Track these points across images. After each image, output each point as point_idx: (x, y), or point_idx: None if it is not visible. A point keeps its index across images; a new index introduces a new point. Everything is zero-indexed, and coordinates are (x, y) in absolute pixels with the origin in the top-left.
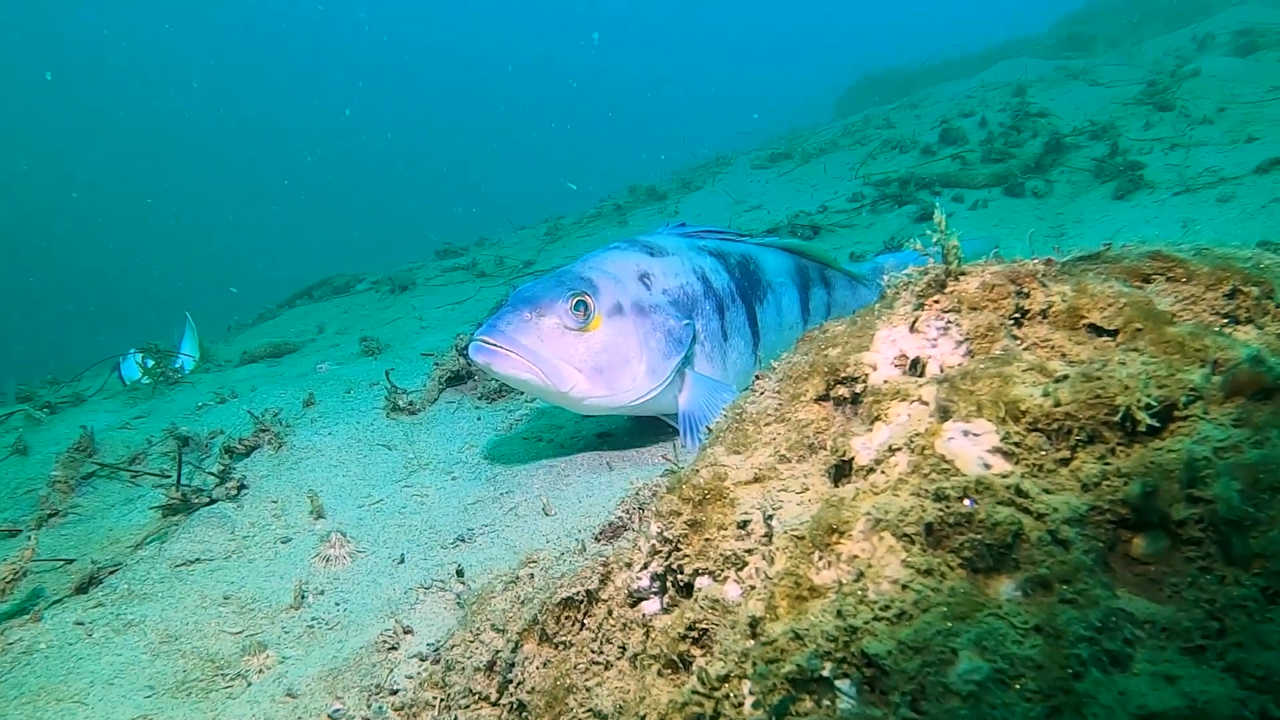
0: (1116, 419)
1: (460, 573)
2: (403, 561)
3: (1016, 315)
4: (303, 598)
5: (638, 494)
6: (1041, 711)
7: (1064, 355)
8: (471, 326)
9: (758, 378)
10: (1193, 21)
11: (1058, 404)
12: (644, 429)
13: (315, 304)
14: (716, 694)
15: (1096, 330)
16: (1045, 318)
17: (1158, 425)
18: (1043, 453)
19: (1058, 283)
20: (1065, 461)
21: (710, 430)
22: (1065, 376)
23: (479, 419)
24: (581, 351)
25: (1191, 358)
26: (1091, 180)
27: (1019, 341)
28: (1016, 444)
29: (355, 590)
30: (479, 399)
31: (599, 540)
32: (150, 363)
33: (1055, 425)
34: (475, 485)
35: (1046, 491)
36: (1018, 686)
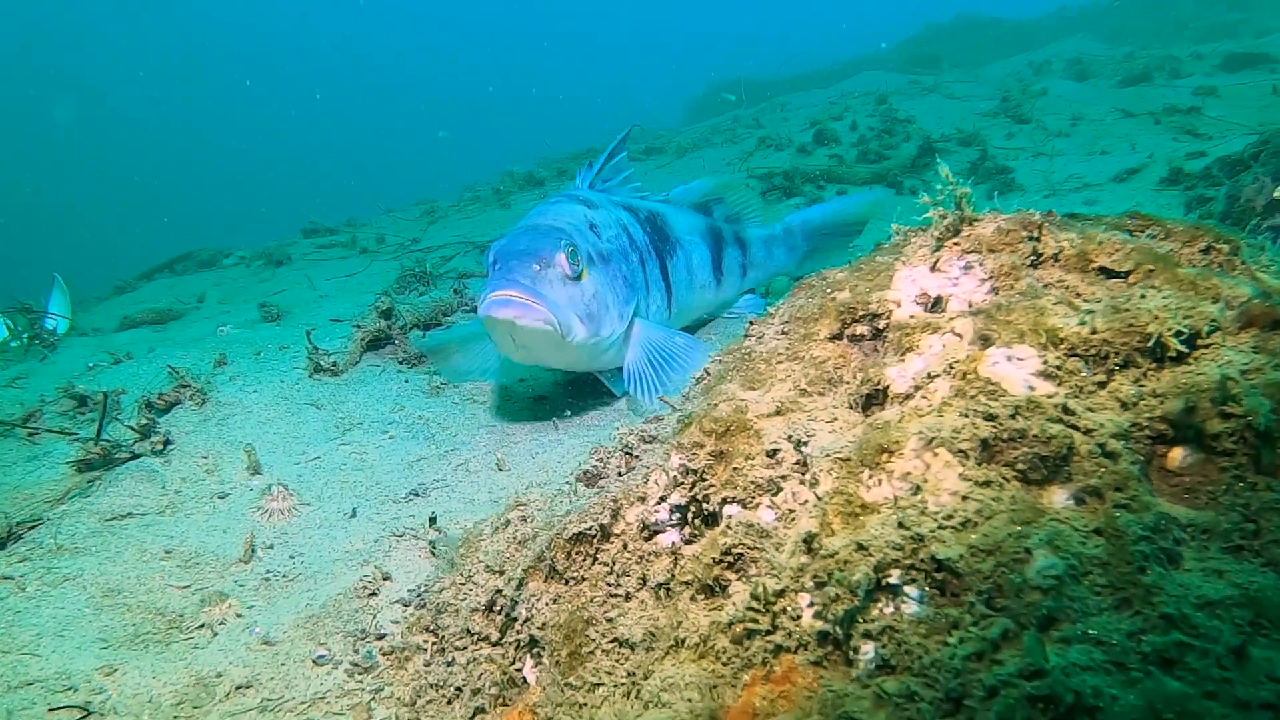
0: (1149, 345)
1: (433, 520)
2: (354, 515)
3: (1032, 258)
4: (252, 551)
5: (623, 439)
6: (1112, 603)
7: (1079, 294)
8: (374, 295)
9: (752, 323)
10: (1022, 50)
11: (1094, 331)
12: (578, 390)
13: (179, 277)
14: (773, 608)
15: (1107, 273)
16: (1057, 261)
17: (1185, 351)
18: (1082, 375)
19: (1064, 230)
20: (1103, 384)
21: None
22: (1093, 310)
23: (406, 381)
24: (579, 299)
25: (1204, 294)
26: (965, 182)
27: (1039, 282)
28: (1058, 367)
29: (309, 543)
30: (400, 363)
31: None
32: (20, 325)
33: (1093, 351)
34: (415, 444)
35: (1090, 410)
36: (1087, 582)
